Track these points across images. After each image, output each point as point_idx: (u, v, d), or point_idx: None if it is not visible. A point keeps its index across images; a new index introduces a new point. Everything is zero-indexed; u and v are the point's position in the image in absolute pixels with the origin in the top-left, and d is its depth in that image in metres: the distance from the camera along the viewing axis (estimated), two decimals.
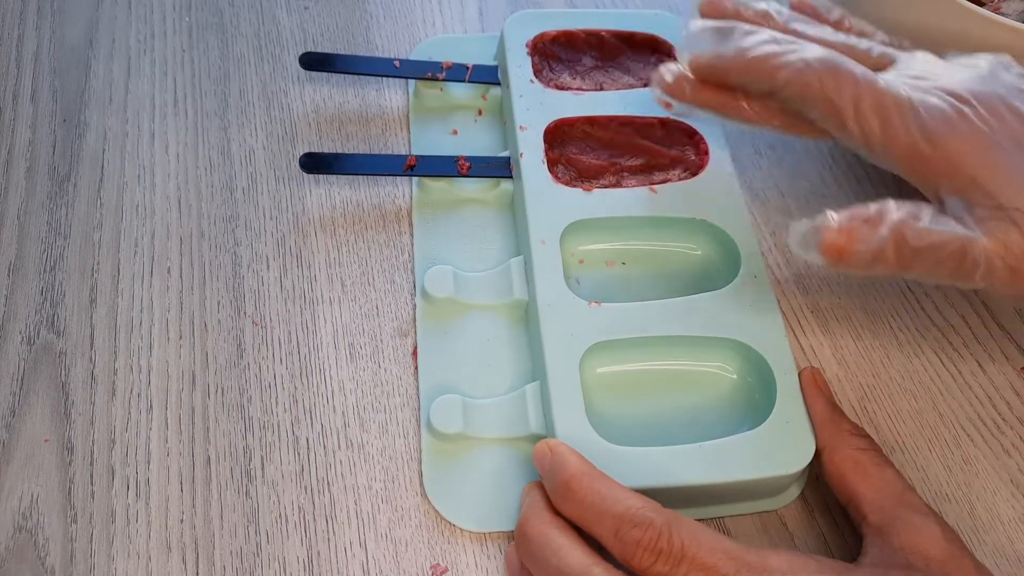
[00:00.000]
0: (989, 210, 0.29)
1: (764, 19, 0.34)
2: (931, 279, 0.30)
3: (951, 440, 0.36)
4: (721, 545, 0.26)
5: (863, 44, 0.34)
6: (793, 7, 0.35)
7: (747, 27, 0.33)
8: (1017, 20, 0.35)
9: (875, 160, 0.31)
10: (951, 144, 0.29)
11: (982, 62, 0.32)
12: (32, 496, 0.32)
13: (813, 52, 0.31)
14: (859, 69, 0.31)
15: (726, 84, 0.33)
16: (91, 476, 0.33)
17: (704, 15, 0.35)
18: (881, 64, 0.33)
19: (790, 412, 0.33)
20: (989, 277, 0.29)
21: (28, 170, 0.41)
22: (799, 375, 0.33)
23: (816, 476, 0.34)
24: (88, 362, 0.36)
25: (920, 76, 0.31)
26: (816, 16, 0.35)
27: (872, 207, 0.29)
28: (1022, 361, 0.38)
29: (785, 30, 0.34)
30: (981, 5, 0.39)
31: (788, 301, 0.39)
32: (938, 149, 0.29)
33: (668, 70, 0.35)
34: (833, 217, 0.29)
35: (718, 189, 0.39)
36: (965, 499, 0.34)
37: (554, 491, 0.29)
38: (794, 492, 0.34)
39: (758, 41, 0.32)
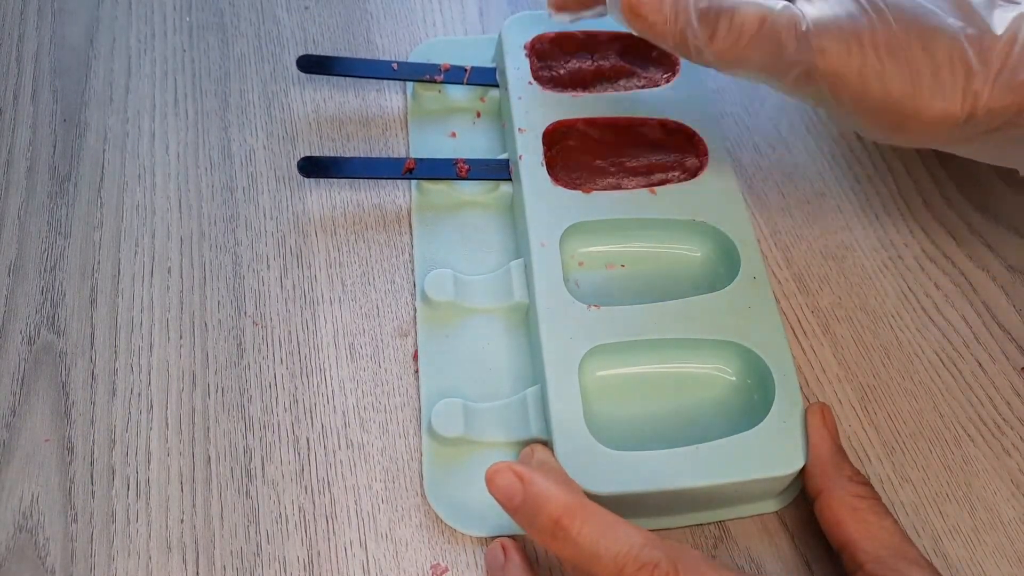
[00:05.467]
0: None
1: None
2: (751, 67, 0.30)
3: (951, 440, 0.36)
4: None
5: None
6: None
7: None
8: None
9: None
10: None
11: None
12: (32, 496, 0.32)
13: None
14: None
15: None
16: (91, 476, 0.33)
17: None
18: None
19: (786, 413, 0.33)
20: (801, 58, 0.28)
21: (28, 170, 0.41)
22: (806, 410, 0.33)
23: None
24: (88, 362, 0.36)
25: None
26: None
27: None
28: (1022, 361, 0.38)
29: None
30: None
31: (788, 301, 0.39)
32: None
33: None
34: None
35: (718, 190, 0.39)
36: (965, 499, 0.34)
37: (540, 529, 0.26)
38: (792, 493, 0.34)
39: None
